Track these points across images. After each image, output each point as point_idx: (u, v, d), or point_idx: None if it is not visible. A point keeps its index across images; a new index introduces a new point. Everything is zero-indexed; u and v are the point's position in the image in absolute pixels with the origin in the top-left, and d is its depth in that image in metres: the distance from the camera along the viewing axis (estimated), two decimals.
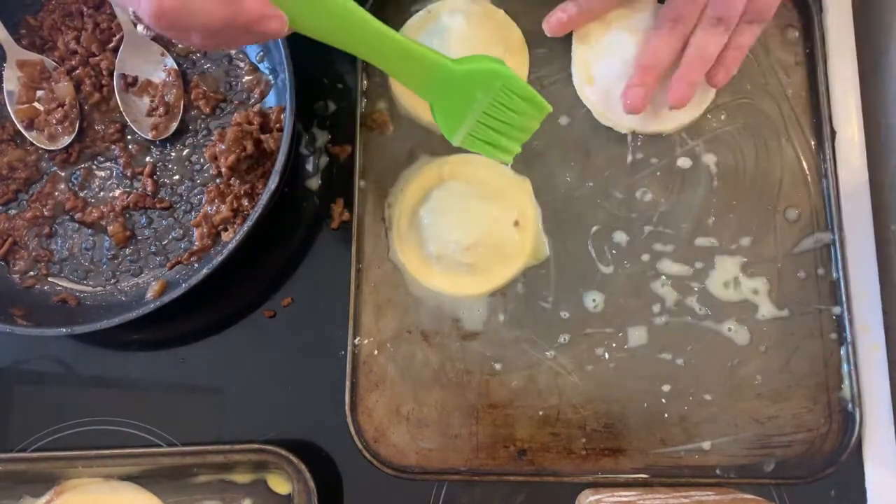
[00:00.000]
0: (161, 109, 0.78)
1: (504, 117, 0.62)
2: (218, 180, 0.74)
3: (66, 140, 0.78)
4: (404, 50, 0.58)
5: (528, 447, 0.71)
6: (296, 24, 0.53)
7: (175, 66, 0.79)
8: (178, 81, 0.78)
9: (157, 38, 0.80)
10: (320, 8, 0.53)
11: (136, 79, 0.79)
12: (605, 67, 0.76)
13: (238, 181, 0.73)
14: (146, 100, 0.79)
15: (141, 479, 0.71)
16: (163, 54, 0.79)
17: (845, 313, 0.71)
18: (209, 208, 0.74)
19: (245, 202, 0.73)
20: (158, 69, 0.79)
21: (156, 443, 0.73)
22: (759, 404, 0.70)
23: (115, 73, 0.78)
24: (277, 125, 0.74)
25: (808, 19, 0.77)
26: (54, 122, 0.78)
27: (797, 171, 0.75)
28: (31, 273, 0.77)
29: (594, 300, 0.73)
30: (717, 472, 0.69)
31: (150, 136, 0.77)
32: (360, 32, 0.56)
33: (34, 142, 0.78)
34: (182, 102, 0.78)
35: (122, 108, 0.78)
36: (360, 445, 0.70)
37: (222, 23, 0.48)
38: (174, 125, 0.78)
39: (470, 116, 0.62)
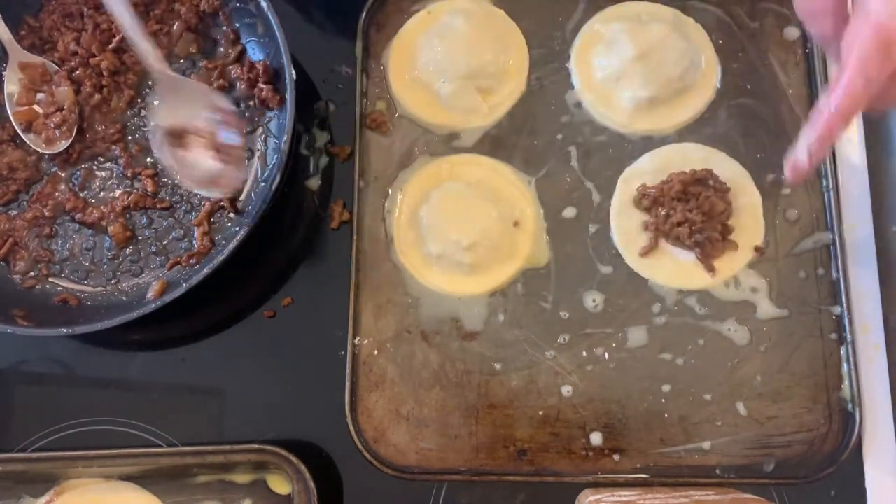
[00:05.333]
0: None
1: None
2: None
3: (64, 144, 0.78)
4: None
5: (528, 447, 0.70)
6: None
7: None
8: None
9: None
10: None
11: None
12: (605, 67, 0.76)
13: None
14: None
15: (141, 479, 0.71)
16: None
17: (845, 313, 0.71)
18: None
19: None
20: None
21: (156, 443, 0.73)
22: (759, 404, 0.70)
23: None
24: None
25: None
26: (52, 125, 0.78)
27: None
28: (32, 273, 0.77)
29: (594, 300, 0.73)
30: (717, 472, 0.69)
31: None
32: None
33: (31, 144, 0.78)
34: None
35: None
36: (360, 446, 0.70)
37: None
38: None
39: None
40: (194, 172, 0.67)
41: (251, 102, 0.78)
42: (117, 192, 0.78)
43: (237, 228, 0.72)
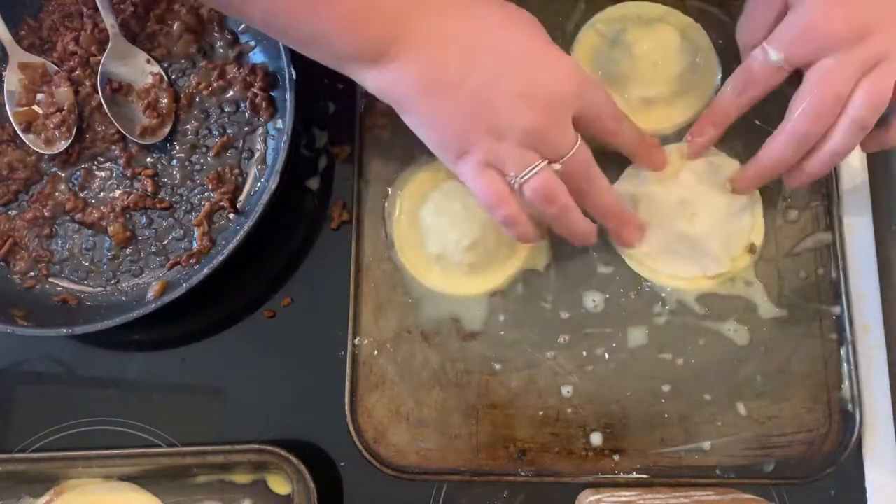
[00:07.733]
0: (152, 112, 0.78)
1: None
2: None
3: (63, 145, 0.78)
4: None
5: (528, 447, 0.70)
6: None
7: (161, 72, 0.79)
8: (169, 88, 0.78)
9: (139, 44, 0.80)
10: None
11: (121, 84, 0.78)
12: (605, 67, 0.76)
13: None
14: (137, 104, 0.79)
15: (141, 480, 0.71)
16: (148, 61, 0.79)
17: (845, 313, 0.71)
18: (210, 195, 0.75)
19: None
20: (144, 75, 0.79)
21: (156, 443, 0.73)
22: (759, 404, 0.70)
23: (99, 79, 0.78)
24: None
25: None
26: (52, 126, 0.78)
27: None
28: (32, 274, 0.77)
29: (594, 300, 0.73)
30: (717, 472, 0.69)
31: (143, 141, 0.77)
32: None
33: (31, 145, 0.78)
34: (174, 106, 0.78)
35: (110, 114, 0.78)
36: (359, 446, 0.70)
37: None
38: (166, 129, 0.78)
39: None
40: (125, 123, 0.78)
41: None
42: (117, 192, 0.78)
43: (237, 228, 0.72)
